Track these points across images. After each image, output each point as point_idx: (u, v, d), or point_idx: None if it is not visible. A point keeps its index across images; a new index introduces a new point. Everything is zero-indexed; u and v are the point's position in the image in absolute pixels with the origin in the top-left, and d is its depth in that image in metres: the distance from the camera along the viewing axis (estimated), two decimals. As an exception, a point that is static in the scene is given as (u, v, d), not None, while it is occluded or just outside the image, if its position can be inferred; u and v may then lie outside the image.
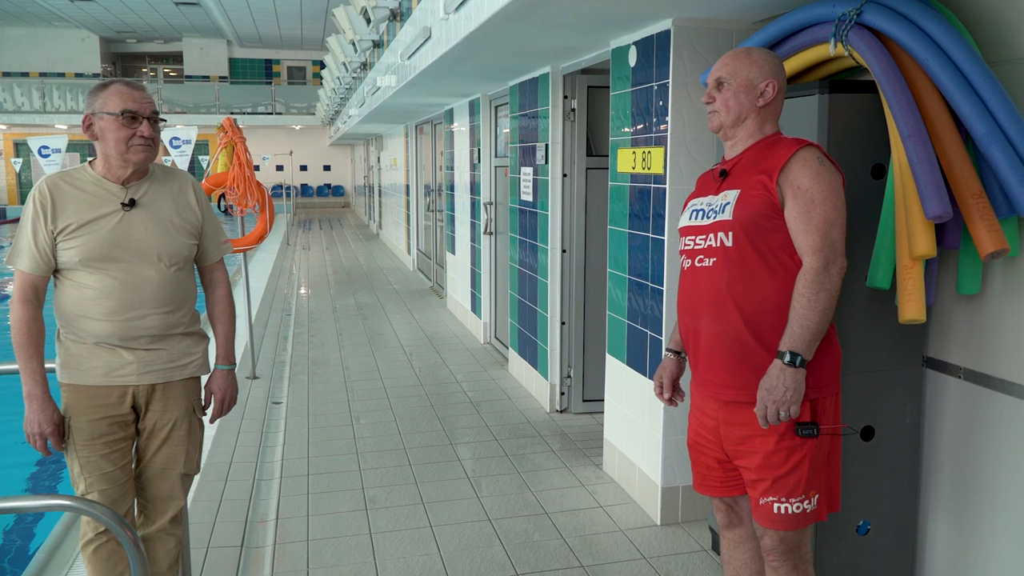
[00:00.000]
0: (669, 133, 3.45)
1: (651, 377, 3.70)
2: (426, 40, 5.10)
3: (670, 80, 3.43)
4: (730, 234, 2.21)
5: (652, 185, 3.62)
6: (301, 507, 3.92)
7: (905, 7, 2.40)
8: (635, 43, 3.74)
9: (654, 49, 3.56)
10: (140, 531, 2.58)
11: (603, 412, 5.20)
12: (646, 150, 3.66)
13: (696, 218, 2.34)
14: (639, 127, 3.74)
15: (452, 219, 9.02)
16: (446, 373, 6.45)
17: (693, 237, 2.33)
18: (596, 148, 5.13)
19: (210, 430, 2.79)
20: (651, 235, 3.64)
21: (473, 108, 7.58)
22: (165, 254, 2.45)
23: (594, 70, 4.91)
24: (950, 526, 2.75)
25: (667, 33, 3.42)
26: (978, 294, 2.53)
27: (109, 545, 2.48)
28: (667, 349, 2.59)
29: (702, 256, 2.28)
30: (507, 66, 5.24)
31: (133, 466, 2.57)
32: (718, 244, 2.24)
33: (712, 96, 2.33)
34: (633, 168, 3.80)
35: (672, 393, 2.56)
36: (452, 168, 8.91)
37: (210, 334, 2.71)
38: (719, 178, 2.33)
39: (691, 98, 3.45)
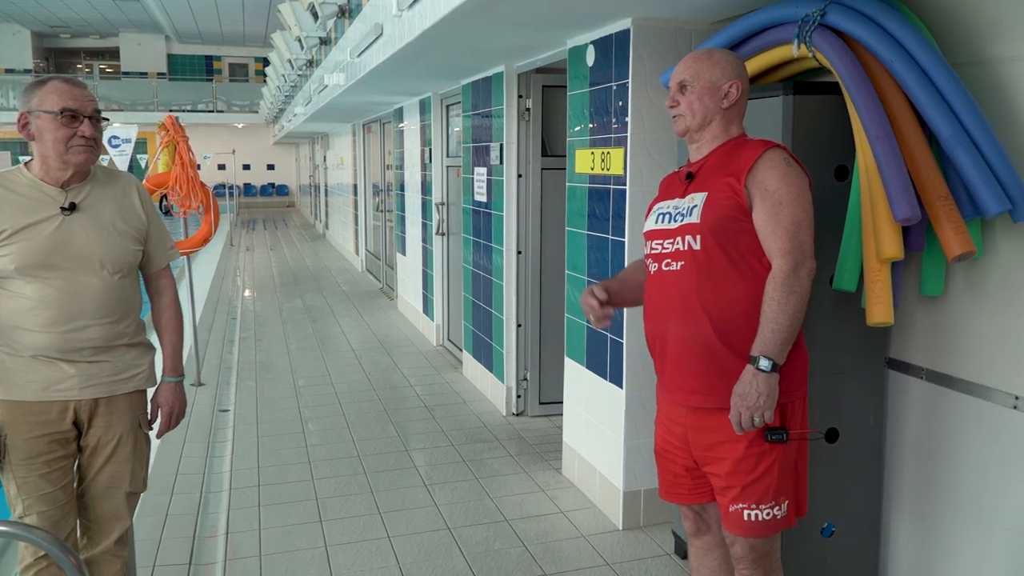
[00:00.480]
0: (629, 134, 3.41)
1: (612, 380, 3.66)
2: (378, 37, 4.99)
3: (630, 80, 3.39)
4: (698, 237, 2.17)
5: (612, 186, 3.57)
6: (252, 520, 3.78)
7: (869, 8, 2.39)
8: (593, 42, 3.69)
9: (613, 49, 3.51)
10: (83, 554, 2.43)
11: (561, 415, 5.16)
12: (605, 151, 3.61)
13: (662, 221, 2.29)
14: (598, 127, 3.69)
15: (402, 219, 8.90)
16: (399, 377, 6.34)
17: (660, 241, 2.28)
18: (551, 148, 5.08)
19: (154, 441, 2.65)
20: (611, 237, 3.60)
21: (424, 107, 7.48)
22: (108, 261, 2.31)
23: (549, 69, 4.86)
24: (913, 526, 2.76)
25: (626, 32, 3.38)
26: (939, 295, 2.54)
27: (50, 570, 2.33)
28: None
29: (669, 260, 2.24)
30: (461, 64, 5.16)
31: (75, 485, 2.43)
32: (686, 248, 2.20)
33: (676, 99, 2.29)
34: (592, 169, 3.76)
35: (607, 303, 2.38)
36: (402, 168, 8.78)
37: (156, 343, 2.58)
38: (685, 181, 2.28)
39: (651, 99, 3.41)
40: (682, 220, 2.21)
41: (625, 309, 3.51)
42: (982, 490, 2.48)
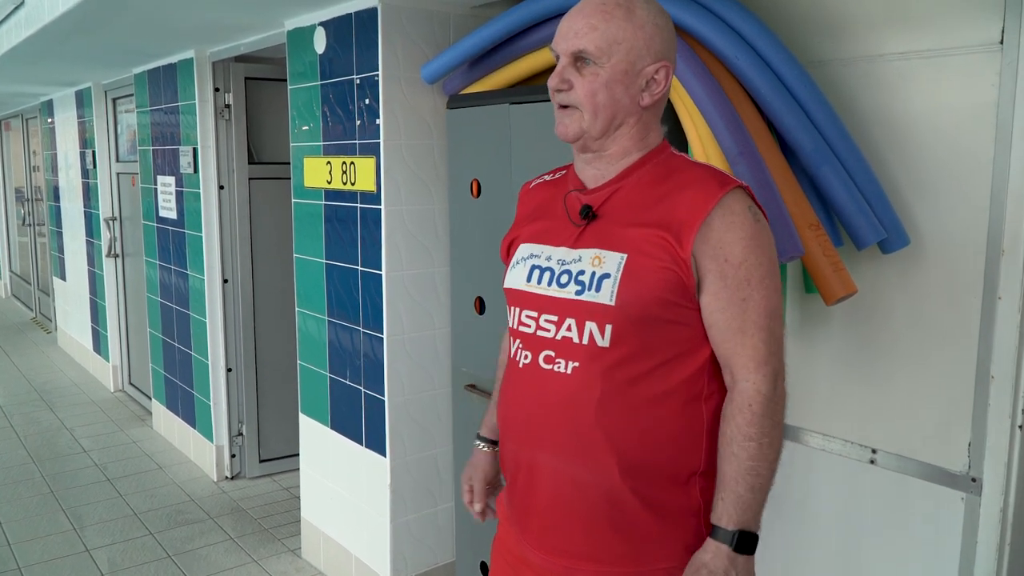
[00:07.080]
0: (382, 140, 2.72)
1: (371, 447, 2.94)
2: (17, 7, 3.76)
3: (380, 72, 2.69)
4: (607, 328, 1.32)
5: (360, 204, 2.85)
6: None
7: (699, -7, 1.95)
8: (323, 24, 2.94)
9: (353, 32, 2.80)
10: None
11: (286, 472, 4.36)
12: (348, 160, 2.89)
13: (538, 280, 1.42)
14: (336, 131, 2.95)
15: (59, 236, 7.30)
16: (67, 439, 5.01)
17: (534, 314, 1.42)
18: (259, 154, 4.20)
19: None
20: (361, 268, 2.88)
21: (82, 100, 6.09)
22: None
23: (254, 58, 3.99)
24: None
25: (372, 12, 2.68)
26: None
27: None
28: (479, 437, 1.72)
29: (551, 353, 1.39)
30: (138, 48, 4.06)
31: None
32: (584, 340, 1.35)
33: (568, 80, 1.37)
34: (329, 182, 3.01)
35: (485, 504, 1.70)
36: (55, 174, 7.20)
37: None
38: (580, 220, 1.40)
39: (406, 96, 2.75)
40: (578, 292, 1.35)
41: (385, 356, 2.83)
42: (844, 555, 2.16)
